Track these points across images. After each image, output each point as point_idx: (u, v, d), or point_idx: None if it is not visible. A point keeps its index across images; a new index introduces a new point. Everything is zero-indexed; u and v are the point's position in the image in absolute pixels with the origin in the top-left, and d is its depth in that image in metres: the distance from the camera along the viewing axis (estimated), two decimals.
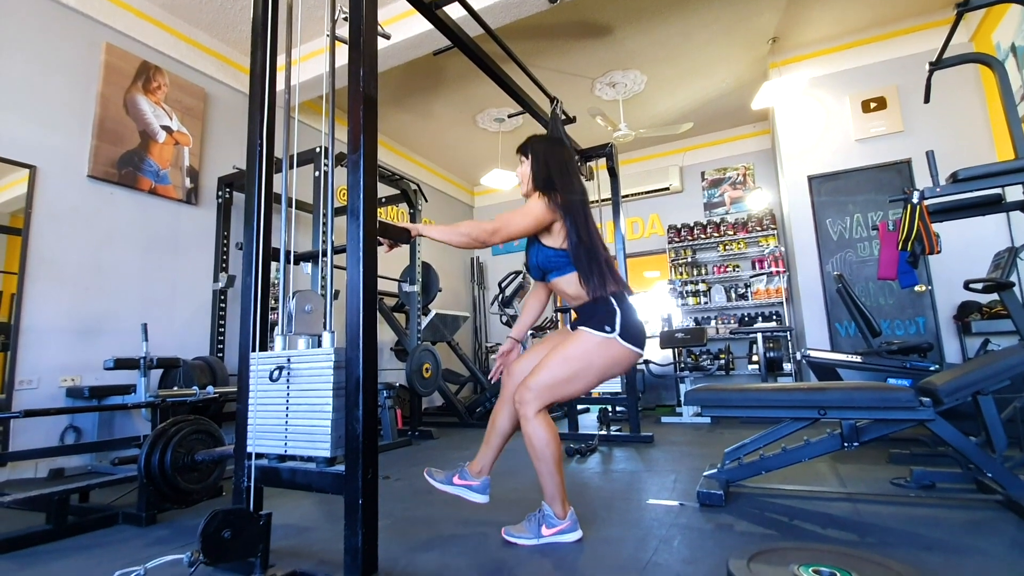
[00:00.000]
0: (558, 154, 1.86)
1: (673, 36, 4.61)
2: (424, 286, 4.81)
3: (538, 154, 1.85)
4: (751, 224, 5.99)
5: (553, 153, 1.86)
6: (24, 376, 3.06)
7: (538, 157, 1.84)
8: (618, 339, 1.68)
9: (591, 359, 1.69)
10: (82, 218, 3.44)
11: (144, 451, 1.97)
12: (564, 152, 1.89)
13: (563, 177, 1.81)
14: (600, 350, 1.69)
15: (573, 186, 1.81)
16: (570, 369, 1.69)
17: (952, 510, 1.88)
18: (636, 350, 1.73)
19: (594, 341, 1.69)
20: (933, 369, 3.11)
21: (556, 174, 1.81)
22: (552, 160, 1.83)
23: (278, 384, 1.53)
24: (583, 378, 1.71)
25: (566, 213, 1.74)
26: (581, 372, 1.70)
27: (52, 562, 1.68)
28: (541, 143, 1.89)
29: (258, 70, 1.75)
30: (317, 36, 4.33)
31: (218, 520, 1.28)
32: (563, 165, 1.84)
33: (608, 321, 1.69)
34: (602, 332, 1.69)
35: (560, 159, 1.85)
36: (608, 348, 1.69)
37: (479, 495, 1.83)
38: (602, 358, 1.70)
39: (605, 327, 1.68)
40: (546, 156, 1.84)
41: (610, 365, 1.72)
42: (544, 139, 1.93)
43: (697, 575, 1.40)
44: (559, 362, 1.70)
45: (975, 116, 4.39)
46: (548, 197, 1.75)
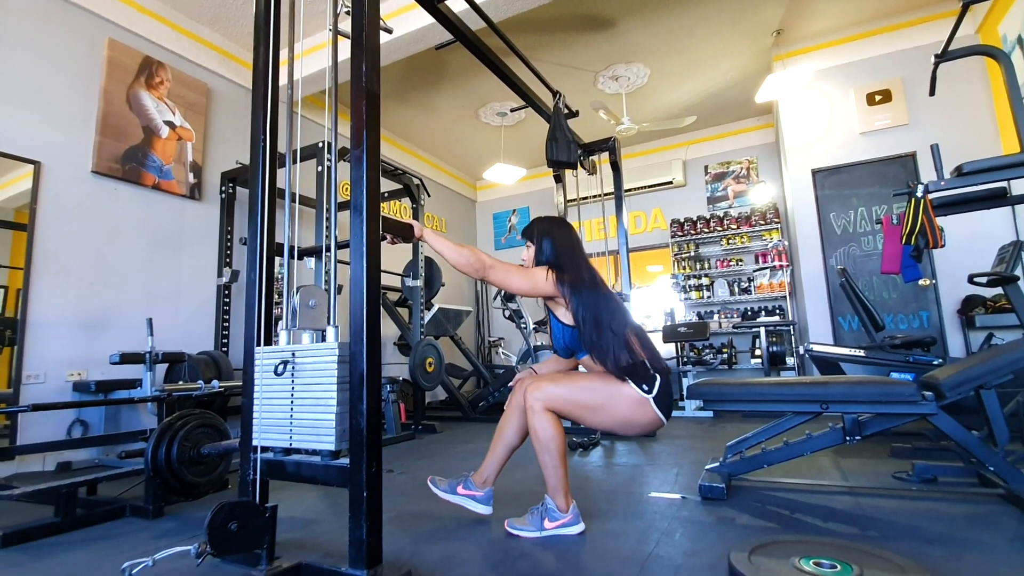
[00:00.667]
0: (564, 236, 1.86)
1: (677, 29, 4.59)
2: (427, 281, 4.82)
3: (543, 236, 1.85)
4: (754, 218, 5.97)
5: (559, 235, 1.85)
6: (31, 370, 3.08)
7: (542, 240, 1.84)
8: (651, 402, 1.69)
9: (617, 404, 1.69)
10: (87, 213, 3.46)
11: (151, 445, 1.99)
12: (569, 233, 1.89)
13: (569, 258, 1.80)
14: (630, 402, 1.69)
15: (580, 267, 1.79)
16: (593, 400, 1.70)
17: (954, 504, 1.89)
18: (662, 418, 1.73)
19: (629, 392, 1.69)
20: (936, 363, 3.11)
21: (563, 255, 1.80)
22: (557, 242, 1.83)
23: (283, 379, 1.54)
24: (598, 415, 1.71)
25: (572, 292, 1.72)
26: (600, 409, 1.70)
27: (61, 554, 1.71)
28: (545, 224, 1.89)
29: (261, 65, 1.75)
30: (319, 30, 4.32)
31: (225, 512, 1.29)
32: (569, 245, 1.83)
33: (648, 382, 1.69)
34: (640, 389, 1.69)
35: (566, 241, 1.84)
36: (639, 405, 1.69)
37: (482, 506, 1.84)
38: (628, 410, 1.70)
39: (643, 386, 1.69)
40: (551, 238, 1.84)
41: (631, 420, 1.71)
42: (548, 220, 1.92)
43: (699, 568, 1.41)
44: (587, 388, 1.71)
45: (981, 109, 4.36)
46: (555, 273, 1.74)
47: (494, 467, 1.86)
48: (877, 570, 1.25)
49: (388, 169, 4.50)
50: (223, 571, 1.49)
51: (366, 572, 1.30)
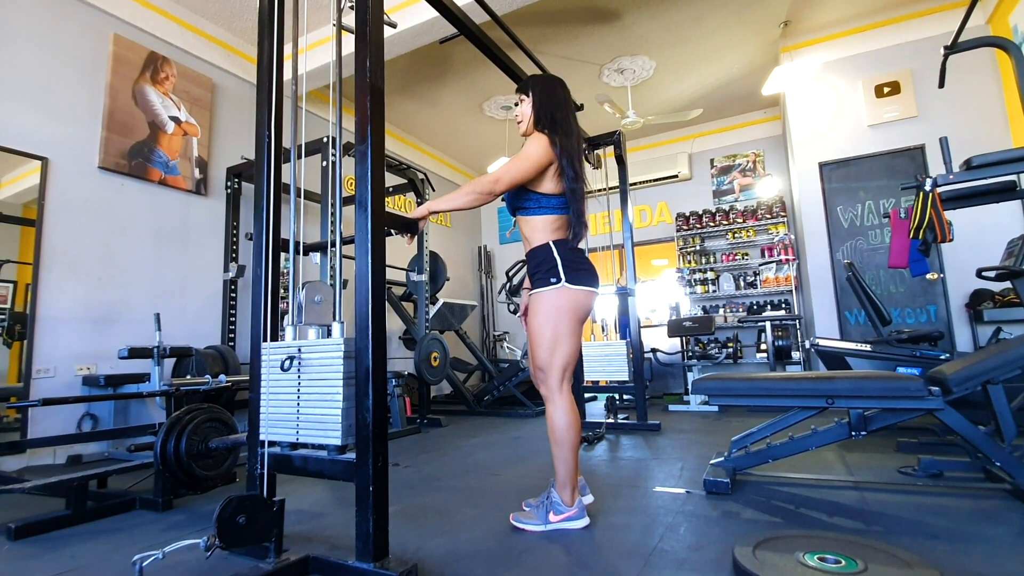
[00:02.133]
0: (558, 94, 1.88)
1: (683, 21, 4.55)
2: (432, 275, 4.83)
3: (539, 93, 1.86)
4: (761, 212, 5.94)
5: (554, 93, 1.87)
6: (41, 365, 3.11)
7: (539, 96, 1.85)
8: (566, 285, 1.73)
9: (556, 316, 1.74)
10: (94, 209, 3.48)
11: (160, 438, 2.01)
12: (563, 92, 1.90)
13: (562, 115, 1.83)
14: (556, 303, 1.74)
15: (571, 127, 1.83)
16: (548, 335, 1.75)
17: (960, 499, 1.88)
18: (588, 289, 1.77)
19: (547, 299, 1.75)
20: (944, 358, 3.09)
21: (557, 114, 1.82)
22: (552, 100, 1.85)
23: (289, 374, 1.55)
24: (563, 335, 1.75)
25: (563, 154, 1.76)
26: (559, 332, 1.74)
27: (73, 546, 1.73)
28: (542, 81, 1.91)
29: (265, 60, 1.75)
30: (323, 25, 4.31)
31: (233, 506, 1.30)
32: (563, 105, 1.86)
33: (552, 273, 1.74)
34: (549, 286, 1.74)
35: (560, 99, 1.87)
36: (561, 297, 1.74)
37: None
38: (563, 309, 1.74)
39: (551, 280, 1.74)
40: (547, 95, 1.86)
41: (574, 310, 1.76)
42: (545, 78, 1.94)
43: (703, 562, 1.42)
44: (537, 335, 1.77)
45: (991, 101, 4.30)
46: (549, 138, 1.76)
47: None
48: (882, 565, 1.25)
49: (392, 164, 4.50)
50: (232, 563, 1.51)
51: (373, 565, 1.31)
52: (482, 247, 7.88)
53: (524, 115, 1.88)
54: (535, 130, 1.82)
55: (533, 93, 1.86)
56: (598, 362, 3.94)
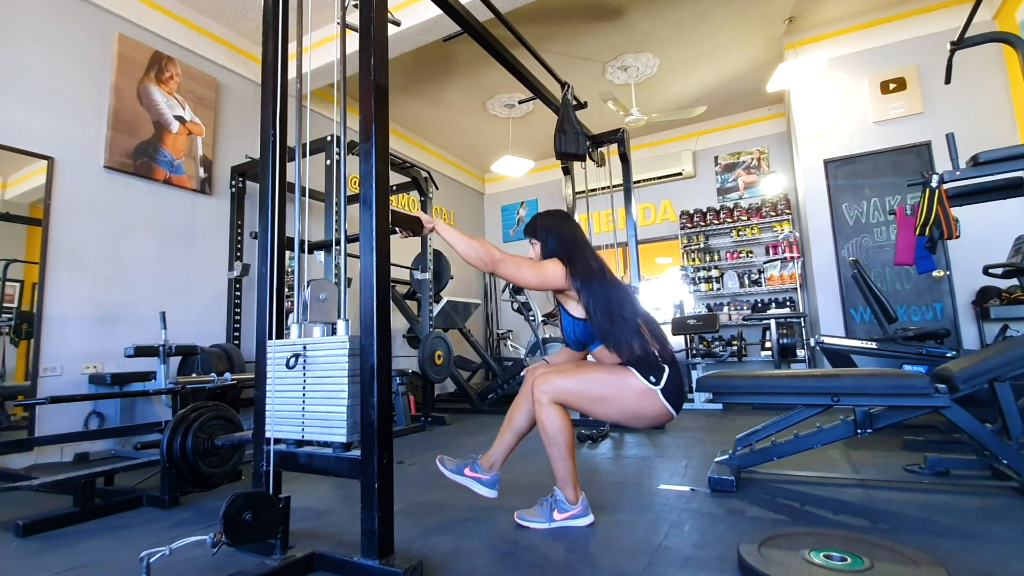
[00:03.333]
0: (567, 228, 1.86)
1: (687, 17, 4.53)
2: (436, 274, 4.83)
3: (547, 232, 1.85)
4: (765, 209, 5.92)
5: (562, 228, 1.85)
6: (48, 363, 3.14)
7: (546, 235, 1.84)
8: (659, 393, 1.68)
9: (624, 396, 1.69)
10: (99, 208, 3.49)
11: (166, 436, 2.02)
12: (572, 225, 1.89)
13: (575, 249, 1.80)
14: (637, 394, 1.68)
15: (587, 257, 1.78)
16: (600, 392, 1.70)
17: (966, 497, 1.87)
18: (671, 411, 1.72)
19: (636, 384, 1.68)
20: (950, 355, 3.08)
21: (569, 248, 1.80)
22: (562, 235, 1.83)
23: (294, 371, 1.56)
24: (606, 407, 1.71)
25: (583, 284, 1.71)
26: (607, 400, 1.70)
27: (80, 542, 1.74)
28: (546, 219, 1.89)
29: (270, 59, 1.75)
30: (327, 23, 4.31)
31: (239, 503, 1.31)
32: (573, 238, 1.83)
33: (656, 374, 1.69)
34: (647, 380, 1.68)
35: (570, 233, 1.84)
36: (646, 397, 1.68)
37: (488, 489, 1.85)
38: (635, 402, 1.69)
39: (651, 377, 1.68)
40: (555, 233, 1.84)
41: (638, 412, 1.71)
42: (550, 214, 1.92)
43: (708, 559, 1.41)
44: (593, 380, 1.71)
45: (997, 97, 4.27)
46: (565, 266, 1.73)
47: (502, 452, 1.86)
48: (888, 563, 1.25)
49: (396, 162, 4.51)
50: (238, 560, 1.51)
51: (378, 562, 1.32)
52: None
53: (537, 257, 1.87)
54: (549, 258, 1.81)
55: (540, 239, 1.86)
56: None
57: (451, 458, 1.93)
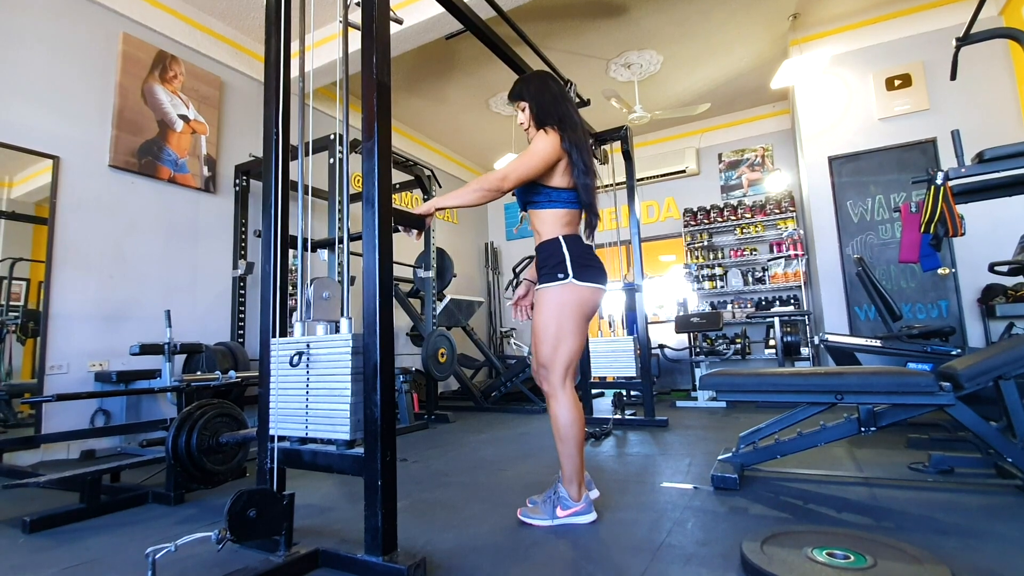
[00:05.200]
0: (552, 88, 1.86)
1: (690, 14, 4.51)
2: (439, 272, 4.84)
3: (533, 94, 1.85)
4: (769, 207, 5.90)
5: (547, 89, 1.85)
6: (54, 361, 3.16)
7: (534, 97, 1.84)
8: (574, 282, 1.72)
9: (561, 312, 1.73)
10: (105, 207, 3.51)
11: (171, 433, 2.03)
12: (556, 85, 1.89)
13: (564, 109, 1.81)
14: (562, 299, 1.73)
15: (575, 120, 1.81)
16: (552, 331, 1.74)
17: (970, 495, 1.87)
18: (595, 286, 1.76)
19: (553, 294, 1.74)
20: (955, 353, 3.06)
21: (559, 108, 1.81)
22: (549, 96, 1.83)
23: (298, 369, 1.56)
24: (568, 332, 1.74)
25: (572, 148, 1.75)
26: (563, 329, 1.73)
27: (87, 539, 1.76)
28: (533, 81, 1.89)
29: (272, 58, 1.75)
30: (330, 21, 4.31)
31: (244, 500, 1.32)
32: (561, 99, 1.84)
33: (560, 269, 1.73)
34: (556, 281, 1.73)
35: (556, 93, 1.85)
36: (568, 293, 1.72)
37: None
38: (569, 306, 1.73)
39: (558, 275, 1.73)
40: (542, 94, 1.84)
41: (580, 307, 1.74)
42: (534, 77, 1.92)
43: (711, 557, 1.42)
44: (541, 331, 1.76)
45: (1004, 93, 4.24)
46: (558, 134, 1.75)
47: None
48: (891, 561, 1.25)
49: (399, 160, 4.51)
50: (243, 556, 1.53)
51: (382, 558, 1.33)
52: (489, 243, 7.88)
53: (527, 120, 1.87)
54: (541, 129, 1.81)
55: (527, 96, 1.85)
56: (605, 358, 3.93)
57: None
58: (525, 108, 1.86)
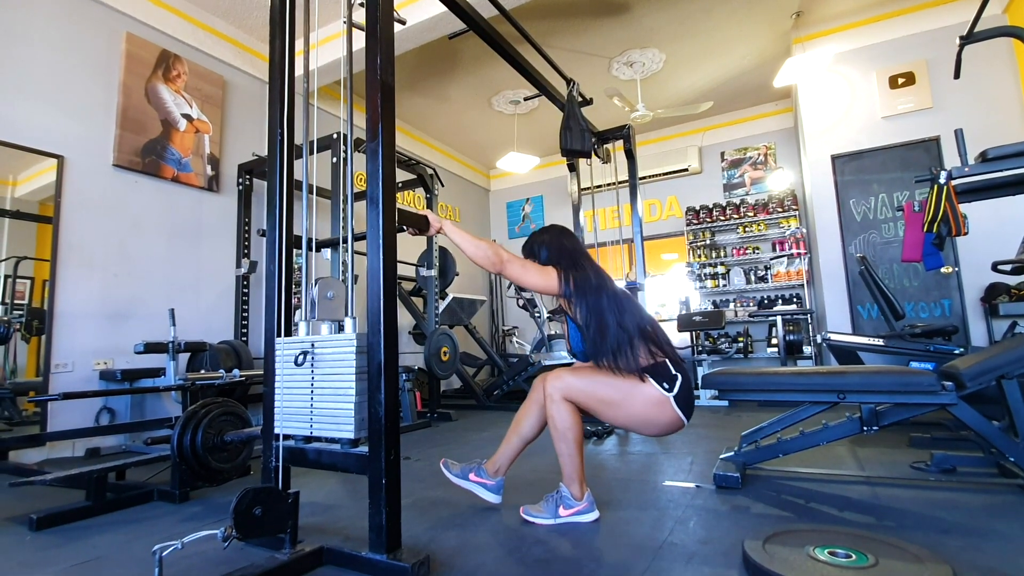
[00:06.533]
0: (566, 241, 1.87)
1: (693, 12, 4.51)
2: (441, 271, 4.85)
3: (547, 244, 1.86)
4: (772, 205, 5.89)
5: (562, 243, 1.86)
6: (59, 360, 3.18)
7: (543, 249, 1.85)
8: (671, 401, 1.68)
9: (636, 402, 1.69)
10: (109, 206, 3.53)
11: (176, 432, 2.04)
12: (571, 237, 1.89)
13: (572, 261, 1.81)
14: (649, 401, 1.68)
15: (585, 268, 1.79)
16: (611, 395, 1.70)
17: (973, 494, 1.87)
18: (683, 418, 1.72)
19: (649, 390, 1.68)
20: (957, 352, 3.06)
21: (567, 259, 1.81)
22: (561, 247, 1.84)
23: (303, 368, 1.57)
24: (615, 410, 1.71)
25: (576, 294, 1.73)
26: (618, 405, 1.70)
27: (93, 536, 1.77)
28: (548, 233, 1.90)
29: (276, 57, 1.76)
30: (334, 20, 4.32)
31: (249, 498, 1.33)
32: (572, 249, 1.84)
33: (668, 381, 1.69)
34: (661, 388, 1.68)
35: (569, 245, 1.85)
36: (658, 404, 1.68)
37: (492, 494, 1.86)
38: (646, 409, 1.69)
39: (664, 384, 1.69)
40: (555, 245, 1.85)
41: (649, 419, 1.70)
42: (550, 229, 1.93)
43: (713, 556, 1.42)
44: (606, 383, 1.71)
45: (1007, 92, 4.23)
46: (562, 274, 1.75)
47: (507, 457, 1.88)
48: (893, 560, 1.25)
49: (402, 159, 4.51)
50: (248, 554, 1.54)
51: (386, 556, 1.34)
52: None
53: None
54: None
55: (536, 254, 1.86)
56: None
57: (455, 462, 1.93)
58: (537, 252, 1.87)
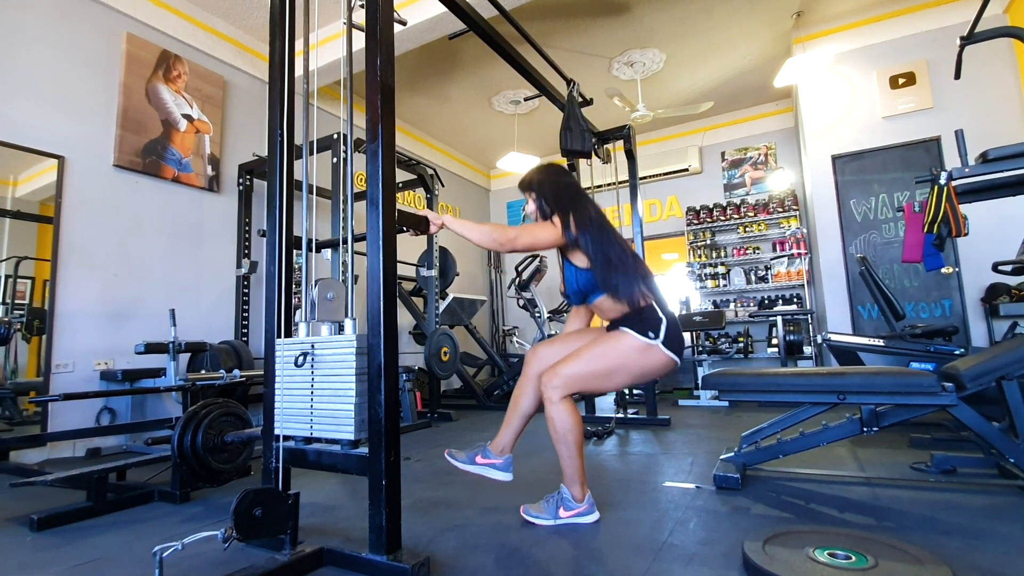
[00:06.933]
0: (562, 182, 1.88)
1: (693, 12, 4.50)
2: (442, 271, 4.85)
3: (542, 186, 1.87)
4: (772, 205, 5.89)
5: (557, 182, 1.87)
6: (60, 360, 3.18)
7: (543, 189, 1.86)
8: (660, 346, 1.69)
9: (628, 360, 1.70)
10: (109, 206, 3.53)
11: (177, 432, 2.05)
12: (568, 178, 1.90)
13: (573, 200, 1.82)
14: (639, 354, 1.70)
15: (586, 207, 1.81)
16: (605, 366, 1.71)
17: (973, 495, 1.87)
18: (675, 358, 1.73)
19: (635, 344, 1.70)
20: (958, 353, 3.06)
21: (565, 200, 1.82)
22: (557, 188, 1.85)
23: (303, 369, 1.58)
24: (616, 377, 1.72)
25: (581, 232, 1.74)
26: (616, 371, 1.71)
27: (94, 537, 1.77)
28: (542, 174, 1.91)
29: (277, 58, 1.76)
30: (334, 20, 4.32)
31: (249, 499, 1.33)
32: (569, 191, 1.86)
33: (653, 327, 1.70)
34: (645, 337, 1.69)
35: (565, 185, 1.86)
36: (648, 353, 1.70)
37: (503, 473, 1.85)
38: (639, 362, 1.71)
39: (649, 332, 1.69)
40: (550, 186, 1.86)
41: (646, 370, 1.73)
42: (545, 169, 1.94)
43: (712, 557, 1.42)
44: (595, 357, 1.71)
45: (1008, 93, 4.23)
46: (562, 220, 1.76)
47: (511, 436, 1.86)
48: (893, 561, 1.25)
49: (402, 160, 4.51)
50: (249, 555, 1.54)
51: (386, 557, 1.34)
52: None
53: (534, 212, 1.89)
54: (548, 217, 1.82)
55: (534, 189, 1.88)
56: None
57: (459, 450, 1.93)
58: (532, 197, 1.89)
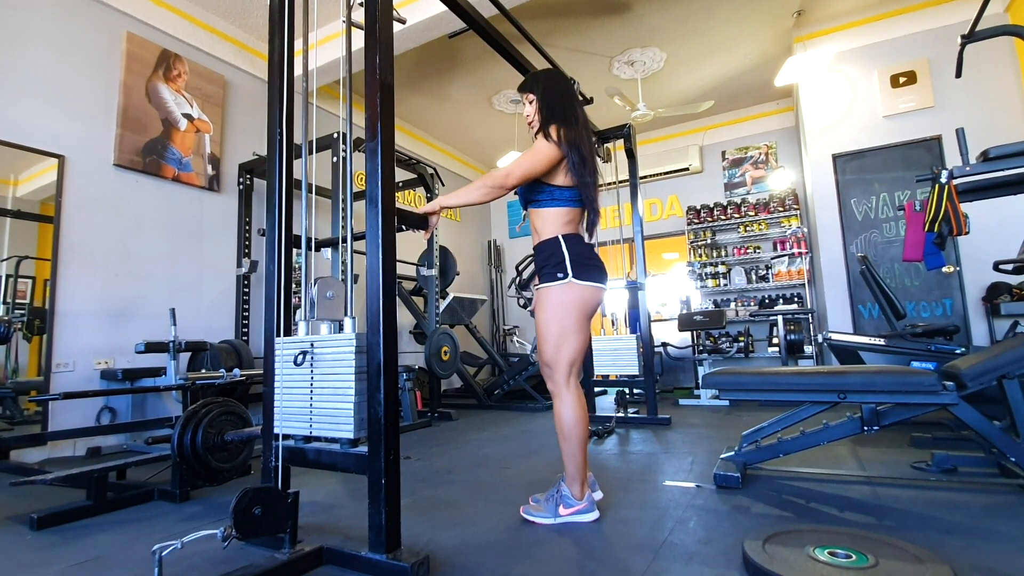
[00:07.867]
0: (561, 86, 1.89)
1: (694, 11, 4.50)
2: (442, 270, 4.84)
3: (541, 90, 1.87)
4: (773, 204, 5.88)
5: (556, 87, 1.88)
6: (60, 359, 3.18)
7: (542, 92, 1.86)
8: (574, 281, 1.73)
9: (562, 311, 1.75)
10: (110, 206, 3.53)
11: (177, 431, 2.05)
12: (565, 83, 1.92)
13: (568, 107, 1.84)
14: (563, 298, 1.75)
15: (577, 117, 1.84)
16: (555, 329, 1.75)
17: (973, 494, 1.87)
18: (596, 285, 1.78)
19: (554, 294, 1.76)
20: (959, 352, 3.05)
21: (561, 108, 1.83)
22: (556, 94, 1.86)
23: (302, 368, 1.58)
24: (570, 331, 1.75)
25: (571, 148, 1.76)
26: (565, 327, 1.75)
27: (94, 535, 1.77)
28: (543, 78, 1.92)
29: (276, 57, 1.76)
30: (333, 19, 4.32)
31: (249, 498, 1.33)
32: (566, 97, 1.87)
33: (560, 268, 1.75)
34: (556, 281, 1.75)
35: (562, 91, 1.88)
36: (568, 293, 1.74)
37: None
38: (570, 305, 1.75)
39: (558, 275, 1.75)
40: (549, 91, 1.87)
41: (581, 306, 1.76)
42: (545, 74, 1.95)
43: (712, 556, 1.42)
44: (543, 330, 1.78)
45: (1009, 91, 4.22)
46: (555, 134, 1.77)
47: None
48: (893, 560, 1.25)
49: (402, 159, 4.51)
50: (248, 554, 1.54)
51: (385, 556, 1.34)
52: (492, 241, 7.88)
53: (533, 113, 1.88)
54: (544, 127, 1.82)
55: (536, 91, 1.87)
56: (608, 356, 3.94)
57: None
58: (533, 101, 1.88)
